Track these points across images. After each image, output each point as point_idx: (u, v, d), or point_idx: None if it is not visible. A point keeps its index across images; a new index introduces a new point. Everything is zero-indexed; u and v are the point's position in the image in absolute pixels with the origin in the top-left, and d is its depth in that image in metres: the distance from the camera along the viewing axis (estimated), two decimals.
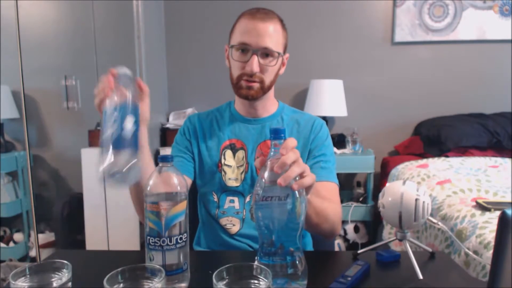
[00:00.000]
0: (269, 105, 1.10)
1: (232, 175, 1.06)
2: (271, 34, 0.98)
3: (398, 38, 2.66)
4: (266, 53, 0.99)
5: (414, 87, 2.71)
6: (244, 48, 0.99)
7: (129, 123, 0.68)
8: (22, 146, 2.78)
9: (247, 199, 1.06)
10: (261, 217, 0.66)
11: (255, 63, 0.97)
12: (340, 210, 0.99)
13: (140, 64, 2.15)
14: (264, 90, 1.02)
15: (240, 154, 1.06)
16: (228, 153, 1.07)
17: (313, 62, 2.76)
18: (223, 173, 1.06)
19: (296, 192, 0.65)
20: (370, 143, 2.68)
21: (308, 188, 0.71)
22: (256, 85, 1.00)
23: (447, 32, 2.63)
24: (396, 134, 2.74)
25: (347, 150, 2.52)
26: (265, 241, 0.67)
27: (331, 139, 1.10)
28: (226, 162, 1.06)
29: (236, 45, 0.99)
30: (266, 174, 0.65)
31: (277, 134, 0.67)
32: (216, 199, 1.07)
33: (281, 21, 1.03)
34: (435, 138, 2.42)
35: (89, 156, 2.28)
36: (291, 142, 0.66)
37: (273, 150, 0.67)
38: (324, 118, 2.60)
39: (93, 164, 2.48)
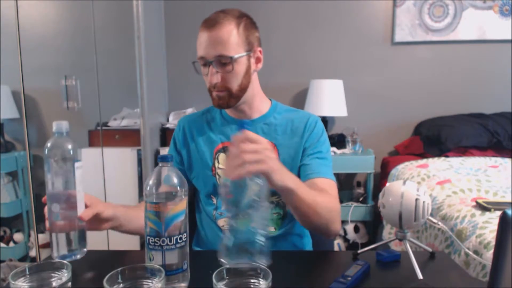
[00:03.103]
0: (258, 105, 1.08)
1: None
2: (223, 40, 0.94)
3: (398, 38, 2.66)
4: (221, 61, 0.96)
5: (414, 87, 2.71)
6: (204, 62, 0.99)
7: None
8: (22, 146, 2.78)
9: None
10: (227, 201, 0.78)
11: (213, 75, 0.97)
12: (338, 205, 0.96)
13: (140, 64, 2.15)
14: (235, 96, 0.99)
15: None
16: (222, 156, 1.06)
17: (313, 62, 2.76)
18: (217, 176, 1.05)
19: (247, 178, 0.73)
20: (370, 143, 2.68)
21: (268, 176, 0.75)
22: (223, 94, 0.99)
23: (447, 32, 2.63)
24: (396, 134, 2.73)
25: (347, 150, 2.51)
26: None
27: (327, 136, 1.08)
28: (220, 166, 1.06)
29: (197, 60, 1.01)
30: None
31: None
32: (214, 202, 1.07)
33: (240, 17, 0.98)
34: (435, 138, 2.42)
35: (89, 156, 2.28)
36: (239, 139, 0.74)
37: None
38: (324, 118, 2.60)
39: (93, 164, 2.47)
